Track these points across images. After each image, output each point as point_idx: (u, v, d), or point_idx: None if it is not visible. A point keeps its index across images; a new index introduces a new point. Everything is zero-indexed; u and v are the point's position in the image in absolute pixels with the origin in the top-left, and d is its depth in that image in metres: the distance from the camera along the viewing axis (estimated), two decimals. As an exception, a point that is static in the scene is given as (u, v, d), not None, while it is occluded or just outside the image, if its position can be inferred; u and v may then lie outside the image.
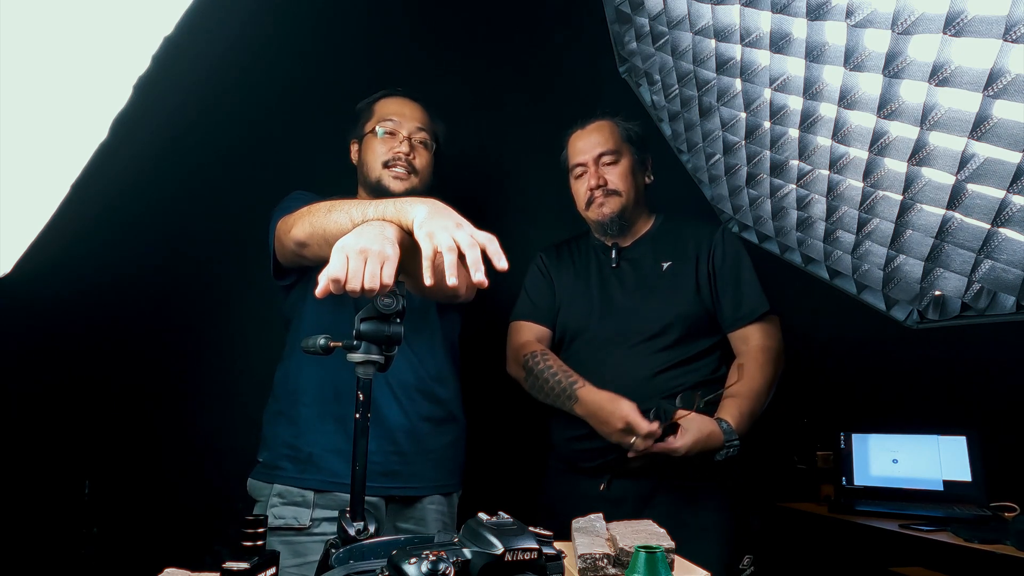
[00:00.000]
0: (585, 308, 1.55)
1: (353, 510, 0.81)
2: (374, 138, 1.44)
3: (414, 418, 1.30)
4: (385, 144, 1.43)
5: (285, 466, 1.25)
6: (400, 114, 1.45)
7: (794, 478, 2.17)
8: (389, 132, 1.44)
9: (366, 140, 1.46)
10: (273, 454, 1.28)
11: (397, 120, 1.45)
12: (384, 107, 1.47)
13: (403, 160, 1.41)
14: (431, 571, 0.57)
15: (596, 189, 1.53)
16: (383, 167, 1.42)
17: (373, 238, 0.92)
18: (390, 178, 1.41)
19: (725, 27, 1.09)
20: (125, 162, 1.51)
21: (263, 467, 1.29)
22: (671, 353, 1.44)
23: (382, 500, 1.26)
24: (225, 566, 0.70)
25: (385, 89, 1.51)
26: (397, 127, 1.44)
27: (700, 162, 1.45)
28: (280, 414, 1.31)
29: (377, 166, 1.42)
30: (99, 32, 1.20)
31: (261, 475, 1.28)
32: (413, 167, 1.43)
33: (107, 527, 1.63)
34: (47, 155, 1.31)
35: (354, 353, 0.85)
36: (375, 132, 1.44)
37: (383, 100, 1.49)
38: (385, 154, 1.42)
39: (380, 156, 1.42)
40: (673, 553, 0.84)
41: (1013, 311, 0.95)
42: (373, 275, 0.87)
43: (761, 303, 1.48)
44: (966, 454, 1.95)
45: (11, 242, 1.35)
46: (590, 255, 1.63)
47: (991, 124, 0.78)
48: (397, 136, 1.44)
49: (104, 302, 1.65)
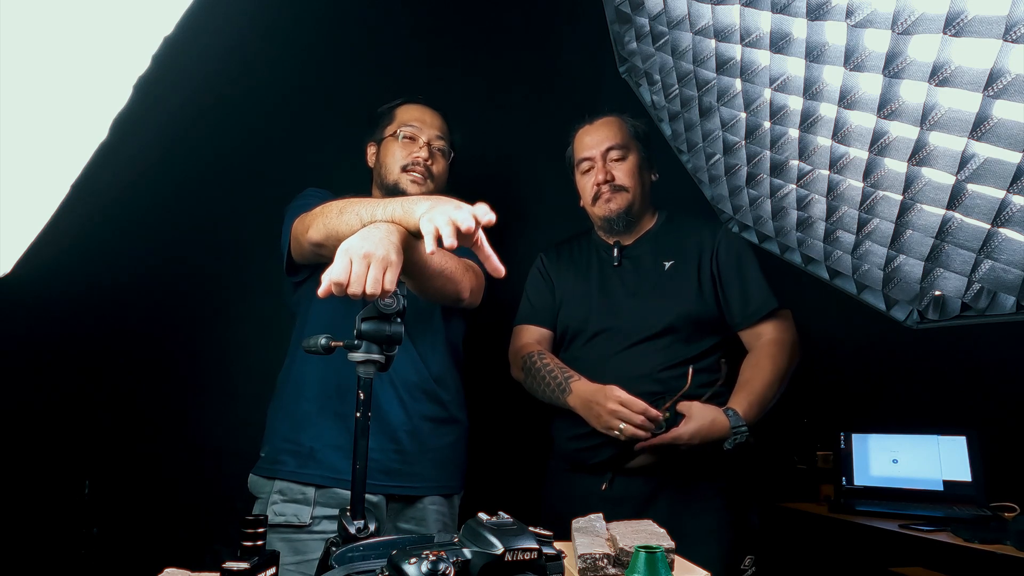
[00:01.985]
0: (586, 307, 1.55)
1: (353, 508, 0.81)
2: (394, 142, 1.48)
3: (416, 417, 1.31)
4: (405, 148, 1.46)
5: (286, 460, 1.26)
6: (421, 121, 1.49)
7: (794, 478, 2.17)
8: (409, 137, 1.48)
9: (385, 143, 1.50)
10: (274, 448, 1.28)
11: (418, 126, 1.48)
12: (405, 113, 1.51)
13: (421, 165, 1.45)
14: (431, 571, 0.57)
15: (603, 184, 1.53)
16: (401, 170, 1.45)
17: (378, 242, 0.93)
18: (408, 181, 1.45)
19: (725, 27, 1.09)
20: (125, 162, 1.50)
21: (264, 462, 1.29)
22: (672, 352, 1.44)
23: (383, 499, 1.26)
24: (225, 566, 0.70)
25: (407, 96, 1.55)
26: (417, 132, 1.48)
27: (700, 162, 1.45)
28: (282, 409, 1.32)
29: (395, 169, 1.45)
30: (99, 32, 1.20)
31: (262, 471, 1.28)
32: (431, 172, 1.47)
33: (107, 527, 1.63)
34: (47, 155, 1.31)
35: (355, 352, 0.86)
36: (396, 136, 1.48)
37: (405, 106, 1.53)
38: (404, 158, 1.45)
39: (399, 160, 1.46)
40: (673, 553, 0.84)
41: (1013, 311, 0.95)
42: (375, 280, 0.89)
43: (769, 299, 1.47)
44: (966, 454, 1.95)
45: (11, 242, 1.35)
46: (591, 254, 1.63)
47: (991, 124, 0.78)
48: (417, 141, 1.47)
49: (104, 302, 1.65)
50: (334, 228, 1.11)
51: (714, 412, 1.34)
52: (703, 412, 1.33)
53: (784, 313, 1.50)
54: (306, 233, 1.19)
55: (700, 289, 1.49)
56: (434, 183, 1.48)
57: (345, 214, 1.09)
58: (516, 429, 1.74)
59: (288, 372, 1.35)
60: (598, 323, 1.51)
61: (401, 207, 1.02)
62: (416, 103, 1.53)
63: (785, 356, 1.44)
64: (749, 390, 1.39)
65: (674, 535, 0.89)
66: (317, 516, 1.20)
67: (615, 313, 1.51)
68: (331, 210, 1.14)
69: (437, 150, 1.49)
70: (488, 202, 0.97)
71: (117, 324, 1.67)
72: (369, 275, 0.89)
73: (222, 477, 1.52)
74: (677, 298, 1.48)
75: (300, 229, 1.23)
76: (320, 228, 1.15)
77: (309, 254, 1.23)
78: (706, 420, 1.32)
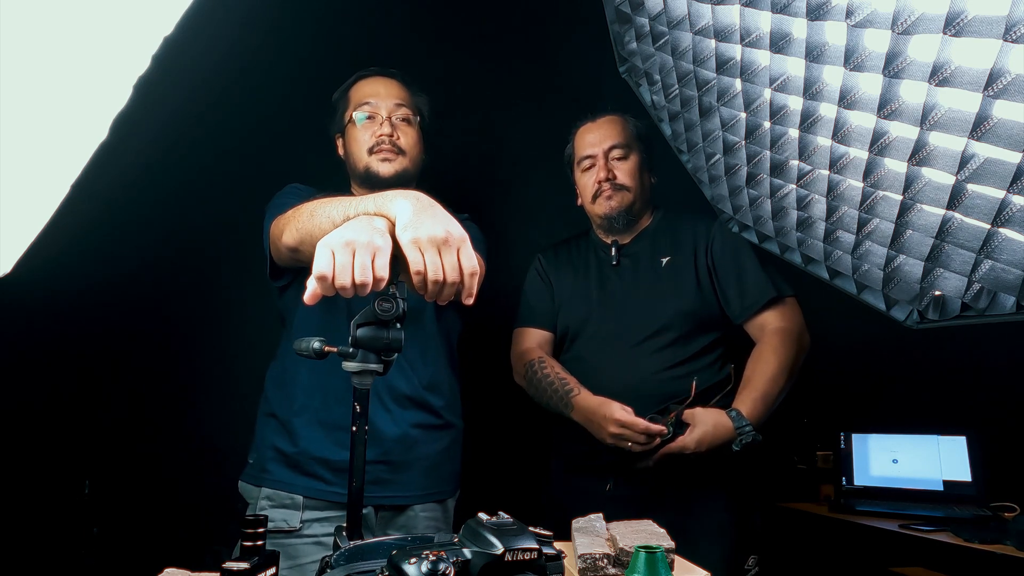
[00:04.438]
0: (585, 307, 1.54)
1: (351, 529, 0.77)
2: (354, 127, 1.37)
3: (404, 426, 1.25)
4: (367, 130, 1.36)
5: (272, 469, 1.23)
6: (376, 94, 1.38)
7: (794, 478, 2.17)
8: (368, 116, 1.37)
9: (348, 131, 1.40)
10: (261, 456, 1.26)
11: (374, 102, 1.37)
12: (359, 91, 1.41)
13: (387, 142, 1.34)
14: (431, 571, 0.57)
15: (604, 182, 1.52)
16: (369, 153, 1.35)
17: (360, 229, 0.84)
18: (377, 162, 1.34)
19: (725, 27, 1.09)
20: (125, 162, 1.51)
21: (252, 468, 1.27)
22: (673, 350, 1.43)
23: (371, 509, 1.22)
24: (225, 566, 0.70)
25: (358, 72, 1.44)
26: (375, 109, 1.37)
27: (700, 162, 1.45)
28: (270, 416, 1.28)
29: (363, 154, 1.36)
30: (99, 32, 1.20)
31: (250, 477, 1.26)
32: (399, 147, 1.36)
33: (107, 527, 1.63)
34: (47, 155, 1.31)
35: (350, 361, 0.79)
36: (354, 121, 1.37)
37: (357, 84, 1.42)
38: (368, 140, 1.35)
39: (364, 144, 1.36)
40: (673, 553, 0.84)
41: (1013, 311, 0.95)
42: (364, 267, 0.79)
43: (767, 288, 1.45)
44: (966, 454, 1.95)
45: (11, 242, 1.35)
46: (590, 253, 1.63)
47: (991, 124, 0.78)
48: (376, 119, 1.36)
49: (104, 302, 1.65)
50: (307, 232, 1.02)
51: (716, 416, 1.33)
52: (705, 418, 1.32)
53: (789, 301, 1.47)
54: (281, 237, 1.11)
55: (698, 284, 1.48)
56: (407, 157, 1.37)
57: (316, 216, 1.01)
58: (516, 429, 1.74)
59: (275, 377, 1.31)
60: (598, 323, 1.51)
61: (374, 203, 0.92)
62: (369, 76, 1.42)
63: (790, 346, 1.40)
64: (753, 387, 1.37)
65: (677, 535, 0.88)
66: (307, 520, 1.18)
67: (615, 312, 1.51)
68: (302, 213, 1.06)
69: (400, 120, 1.37)
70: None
71: (117, 324, 1.67)
72: (356, 262, 0.79)
73: (222, 477, 1.51)
74: (676, 294, 1.48)
75: (276, 233, 1.16)
76: (292, 232, 1.07)
77: (287, 259, 1.16)
78: (709, 426, 1.31)
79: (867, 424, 2.13)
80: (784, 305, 1.46)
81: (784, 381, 1.39)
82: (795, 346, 1.41)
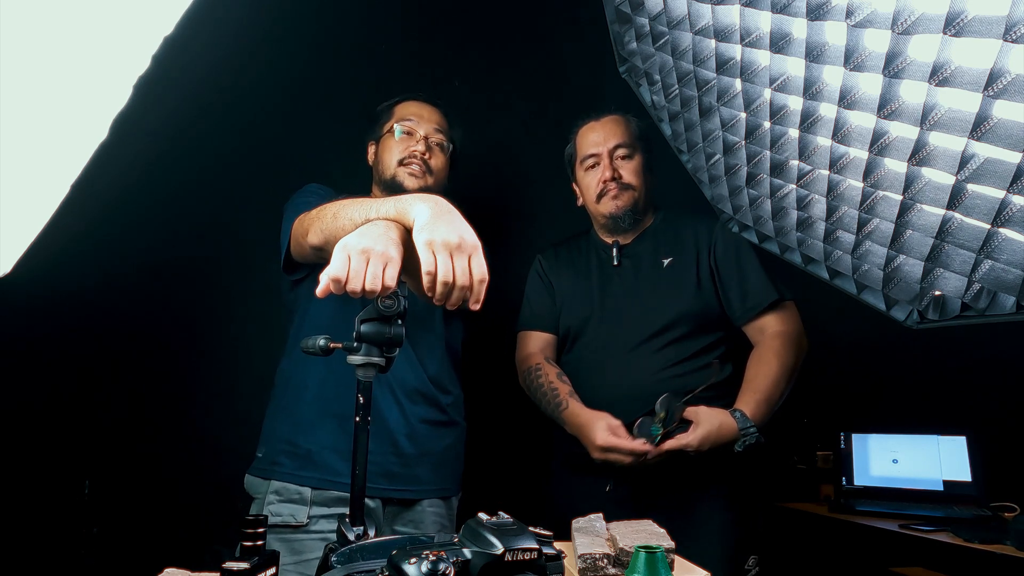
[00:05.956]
0: (586, 308, 1.54)
1: (353, 515, 0.79)
2: (391, 138, 1.47)
3: (414, 420, 1.30)
4: (402, 143, 1.46)
5: (283, 462, 1.25)
6: (419, 116, 1.49)
7: (794, 478, 2.17)
8: (407, 132, 1.47)
9: (383, 140, 1.49)
10: (271, 449, 1.28)
11: (415, 121, 1.48)
12: (403, 109, 1.51)
13: (418, 159, 1.44)
14: (431, 571, 0.57)
15: (610, 181, 1.52)
16: (398, 164, 1.44)
17: (376, 238, 0.89)
18: (405, 175, 1.43)
19: (725, 27, 1.09)
20: (125, 162, 1.51)
21: (261, 462, 1.28)
22: (674, 350, 1.43)
23: (380, 502, 1.25)
24: (225, 566, 0.70)
25: (405, 93, 1.54)
26: (415, 127, 1.47)
27: (700, 162, 1.45)
28: (280, 409, 1.31)
29: (393, 164, 1.44)
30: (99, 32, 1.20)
31: (258, 471, 1.27)
32: (428, 167, 1.45)
33: (107, 527, 1.63)
34: (47, 155, 1.31)
35: (354, 355, 0.83)
36: (393, 132, 1.47)
37: (403, 103, 1.52)
38: (401, 152, 1.44)
39: (396, 154, 1.45)
40: (673, 553, 0.84)
41: (1013, 311, 0.95)
42: (375, 276, 0.85)
43: (769, 291, 1.45)
44: (966, 454, 1.95)
45: (11, 242, 1.35)
46: (591, 254, 1.62)
47: (991, 124, 0.78)
48: (414, 136, 1.46)
49: (104, 302, 1.65)
50: (331, 232, 1.08)
51: (721, 416, 1.32)
52: (710, 417, 1.31)
53: (787, 305, 1.47)
54: (306, 236, 1.17)
55: (699, 284, 1.48)
56: (433, 178, 1.46)
57: (339, 218, 1.06)
58: (516, 430, 1.74)
59: (285, 372, 1.34)
60: (599, 323, 1.51)
61: (394, 206, 0.97)
62: (414, 99, 1.52)
63: (791, 350, 1.41)
64: (755, 388, 1.37)
65: (677, 536, 0.88)
66: (314, 516, 1.20)
67: (616, 313, 1.50)
68: (326, 213, 1.11)
69: (435, 144, 1.48)
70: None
71: (117, 324, 1.67)
72: (368, 270, 0.85)
73: (222, 477, 1.51)
74: (677, 295, 1.47)
75: (300, 231, 1.21)
76: (318, 232, 1.12)
77: (310, 256, 1.21)
78: (713, 425, 1.30)
79: (867, 424, 2.13)
80: (784, 309, 1.47)
81: (785, 384, 1.39)
82: (796, 350, 1.42)
